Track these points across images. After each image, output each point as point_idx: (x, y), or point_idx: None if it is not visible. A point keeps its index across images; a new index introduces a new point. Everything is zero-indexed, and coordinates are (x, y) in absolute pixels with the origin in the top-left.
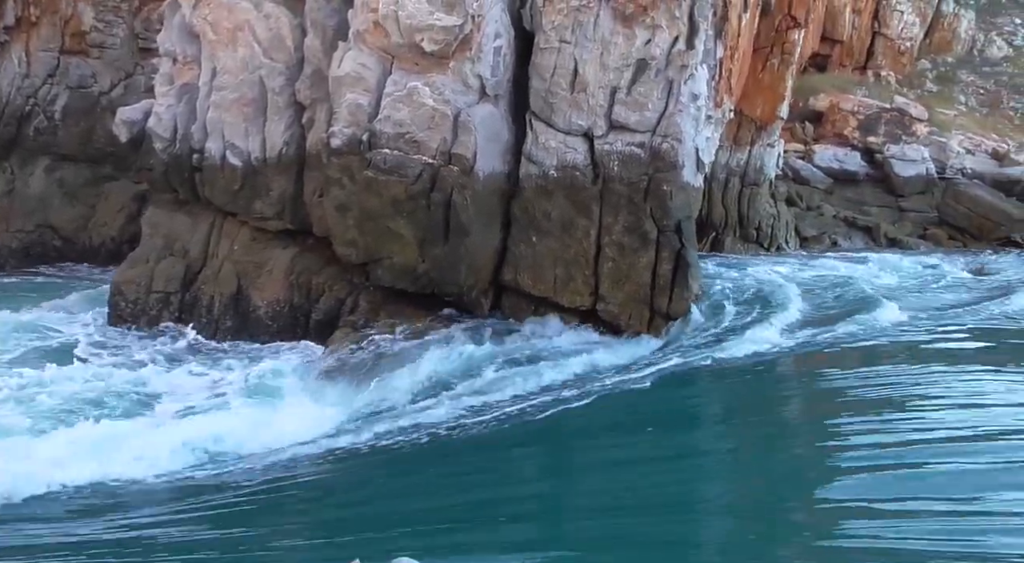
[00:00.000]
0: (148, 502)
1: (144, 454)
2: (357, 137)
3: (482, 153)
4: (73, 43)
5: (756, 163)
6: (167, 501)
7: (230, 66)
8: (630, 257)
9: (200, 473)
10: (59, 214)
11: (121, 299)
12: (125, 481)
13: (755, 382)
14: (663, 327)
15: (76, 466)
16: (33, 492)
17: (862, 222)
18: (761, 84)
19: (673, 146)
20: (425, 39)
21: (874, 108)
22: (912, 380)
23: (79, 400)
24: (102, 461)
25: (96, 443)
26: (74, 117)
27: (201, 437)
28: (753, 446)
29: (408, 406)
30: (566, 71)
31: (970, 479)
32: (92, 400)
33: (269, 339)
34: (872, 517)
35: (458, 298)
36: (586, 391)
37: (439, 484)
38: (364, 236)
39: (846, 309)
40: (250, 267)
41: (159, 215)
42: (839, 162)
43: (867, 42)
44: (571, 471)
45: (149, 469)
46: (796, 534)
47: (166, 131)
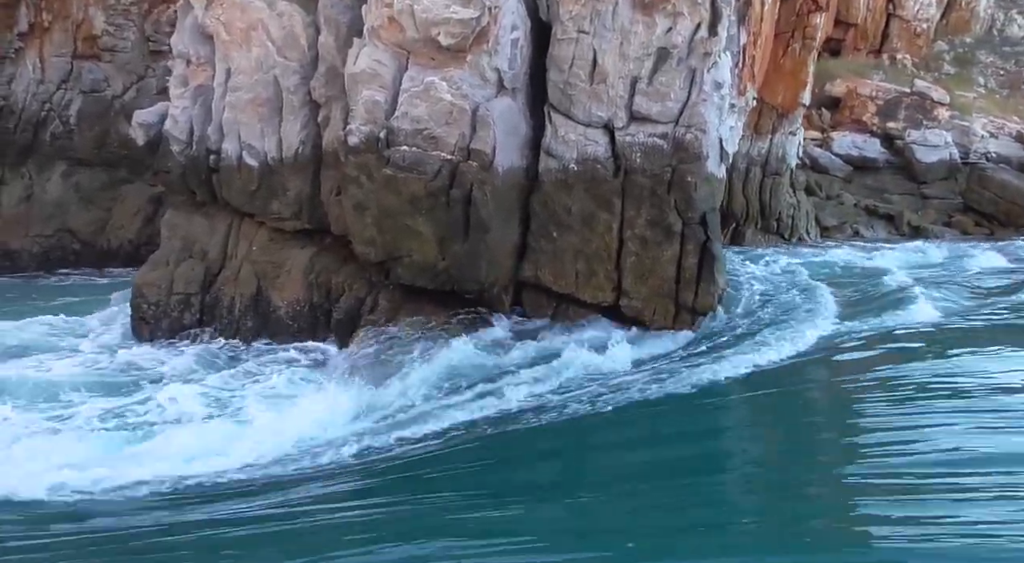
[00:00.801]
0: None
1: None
2: (374, 135)
3: (501, 148)
4: (85, 47)
5: (778, 152)
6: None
7: (244, 66)
8: (654, 251)
9: (207, 479)
10: (77, 218)
11: (143, 301)
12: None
13: (789, 382)
14: (689, 322)
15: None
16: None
17: (884, 210)
18: (782, 70)
19: (697, 137)
20: (441, 33)
21: (893, 93)
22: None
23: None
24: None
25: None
26: (88, 121)
27: (211, 441)
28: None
29: (430, 406)
30: (585, 62)
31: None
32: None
33: (290, 339)
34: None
35: (478, 295)
36: (610, 390)
37: (459, 492)
38: (383, 234)
39: (879, 303)
40: (269, 268)
41: (177, 217)
42: (858, 149)
43: (882, 24)
44: (598, 473)
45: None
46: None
47: (182, 133)
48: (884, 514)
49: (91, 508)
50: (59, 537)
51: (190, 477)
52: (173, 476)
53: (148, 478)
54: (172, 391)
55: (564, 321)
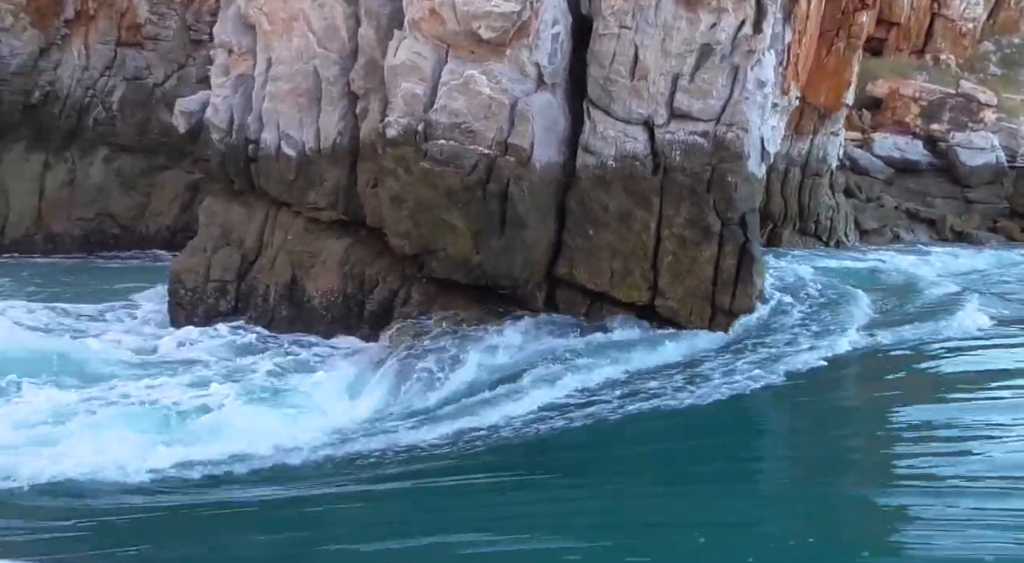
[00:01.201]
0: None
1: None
2: (412, 127)
3: (539, 143)
4: (129, 36)
5: (819, 152)
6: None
7: (285, 56)
8: (691, 251)
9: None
10: (117, 203)
11: (180, 287)
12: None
13: (825, 387)
14: (725, 324)
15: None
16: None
17: (925, 214)
18: (825, 69)
19: (738, 135)
20: (482, 26)
21: (937, 93)
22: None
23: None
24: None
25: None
26: (130, 108)
27: (239, 435)
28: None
29: (464, 402)
30: (626, 58)
31: None
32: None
33: (323, 329)
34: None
35: (512, 291)
36: (642, 393)
37: (493, 492)
38: (418, 227)
39: (923, 309)
40: (304, 257)
41: (216, 205)
42: (900, 151)
43: (925, 24)
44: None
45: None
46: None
47: (223, 122)
48: (925, 517)
49: (151, 486)
50: (123, 515)
51: (227, 461)
52: (220, 458)
53: (202, 459)
54: (218, 377)
55: (597, 320)
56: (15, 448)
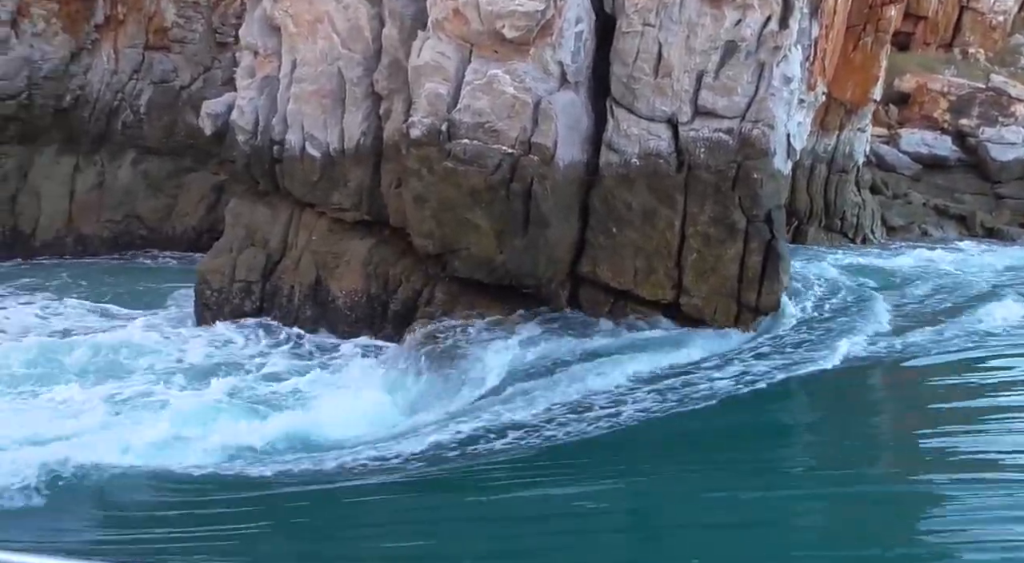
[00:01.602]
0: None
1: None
2: (436, 127)
3: (562, 142)
4: (156, 39)
5: (845, 149)
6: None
7: (309, 58)
8: (716, 248)
9: (255, 470)
10: (144, 205)
11: (206, 287)
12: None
13: (856, 388)
14: (751, 322)
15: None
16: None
17: (954, 210)
18: (852, 64)
19: (764, 132)
20: (506, 25)
21: (967, 88)
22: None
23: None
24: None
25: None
26: (157, 111)
27: (272, 434)
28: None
29: (488, 402)
30: (650, 55)
31: None
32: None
33: (348, 329)
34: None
35: (536, 290)
36: (669, 393)
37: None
38: (441, 227)
39: (955, 307)
40: (328, 258)
41: (241, 206)
42: (928, 147)
43: (954, 17)
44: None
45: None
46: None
47: (248, 123)
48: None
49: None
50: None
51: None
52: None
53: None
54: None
55: (621, 318)
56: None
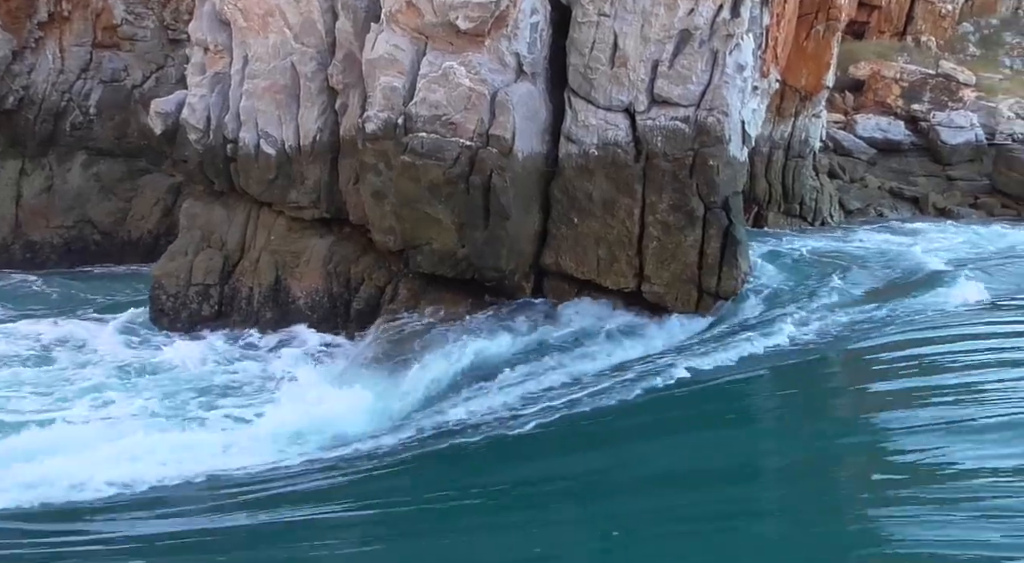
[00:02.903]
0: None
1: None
2: (392, 121)
3: (521, 133)
4: (105, 37)
5: (801, 135)
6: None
7: (261, 53)
8: (676, 236)
9: (225, 473)
10: (97, 209)
11: (161, 292)
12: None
13: (810, 370)
14: (711, 307)
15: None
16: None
17: (909, 193)
18: (805, 52)
19: (719, 120)
20: (460, 17)
21: (918, 74)
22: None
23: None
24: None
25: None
26: (108, 111)
27: (229, 436)
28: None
29: (451, 398)
30: (605, 45)
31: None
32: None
33: (309, 329)
34: None
35: (499, 283)
36: (629, 382)
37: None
38: (402, 222)
39: (915, 286)
40: (288, 257)
41: (196, 207)
42: (882, 132)
43: (906, 7)
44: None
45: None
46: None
47: (200, 122)
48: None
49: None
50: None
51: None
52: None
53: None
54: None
55: (585, 308)
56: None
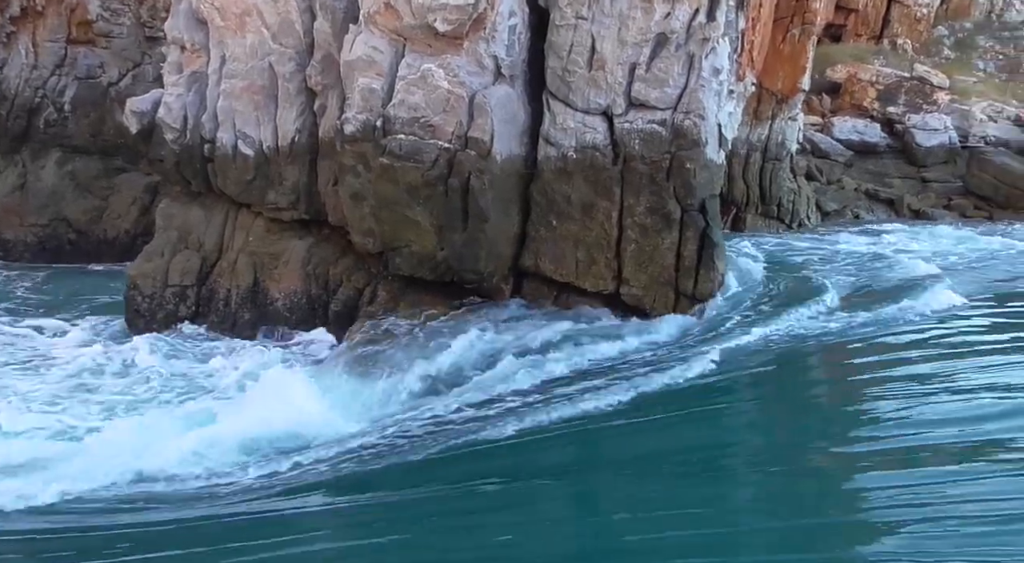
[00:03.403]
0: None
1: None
2: (371, 123)
3: (499, 136)
4: (80, 33)
5: (778, 137)
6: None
7: (239, 53)
8: (653, 238)
9: (192, 479)
10: (72, 207)
11: (137, 293)
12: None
13: (790, 376)
14: (689, 309)
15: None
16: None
17: (884, 194)
18: (781, 56)
19: (695, 123)
20: (438, 19)
21: (893, 77)
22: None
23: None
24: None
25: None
26: (83, 109)
27: (197, 439)
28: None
29: (427, 400)
30: (583, 48)
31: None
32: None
33: (287, 331)
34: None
35: (478, 285)
36: (609, 384)
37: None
38: (381, 225)
39: (892, 290)
40: (266, 259)
41: (173, 207)
42: (859, 134)
43: (883, 10)
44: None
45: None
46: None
47: (176, 121)
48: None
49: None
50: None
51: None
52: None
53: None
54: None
55: (564, 310)
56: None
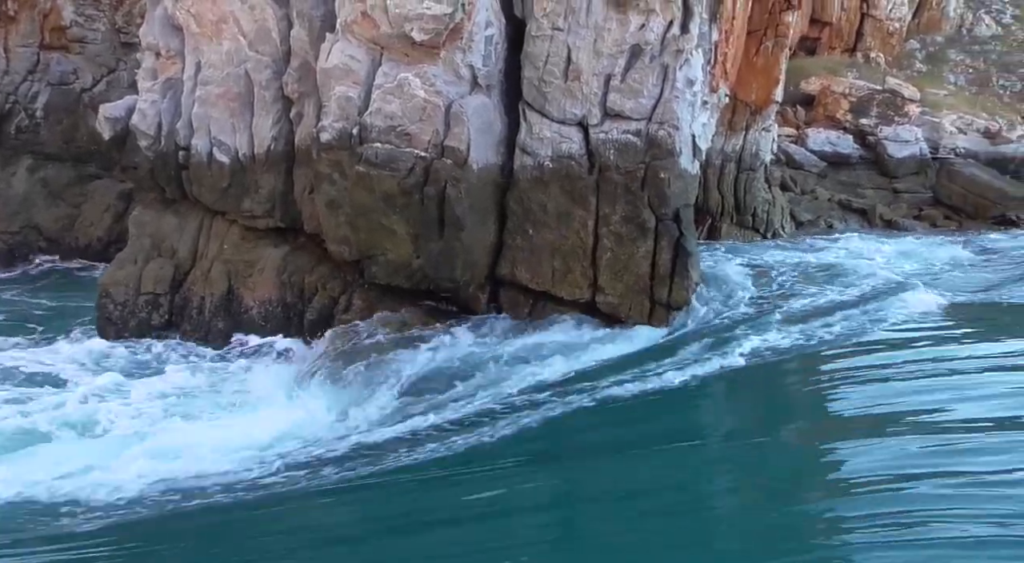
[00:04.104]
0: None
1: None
2: (347, 131)
3: (475, 145)
4: (53, 38)
5: (752, 148)
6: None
7: (215, 60)
8: (628, 247)
9: (166, 488)
10: (44, 214)
11: (109, 301)
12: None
13: (767, 383)
14: (664, 318)
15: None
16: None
17: (857, 205)
18: (755, 68)
19: (670, 133)
20: (415, 28)
21: (865, 90)
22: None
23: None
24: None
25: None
26: (56, 115)
27: (168, 449)
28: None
29: (400, 410)
30: (559, 59)
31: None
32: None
33: (262, 339)
34: None
35: (454, 294)
36: (583, 393)
37: (421, 517)
38: (356, 233)
39: (867, 296)
40: (241, 266)
41: (146, 214)
42: (832, 145)
43: (856, 24)
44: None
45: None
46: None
47: (150, 128)
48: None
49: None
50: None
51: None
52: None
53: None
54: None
55: (540, 319)
56: None
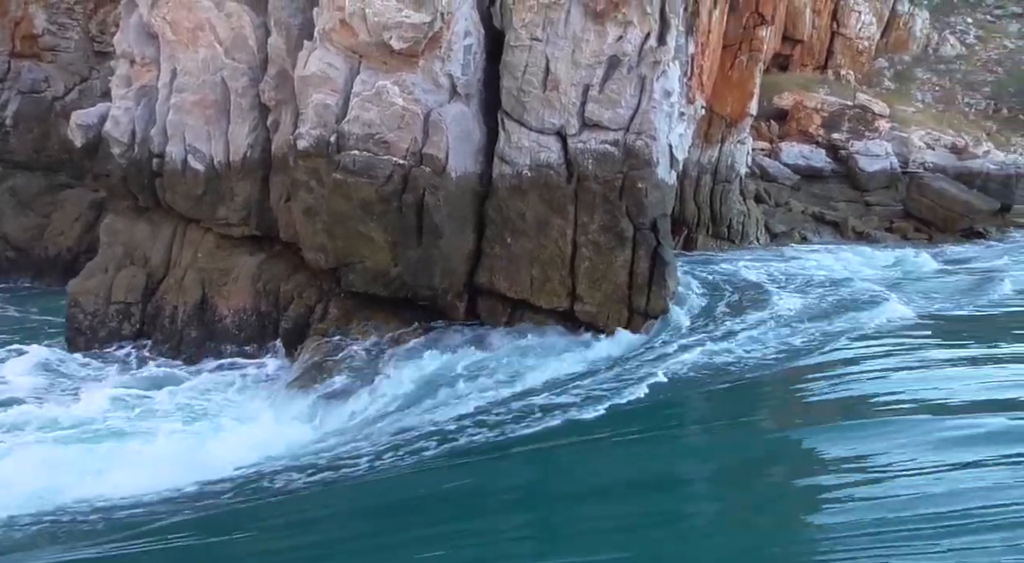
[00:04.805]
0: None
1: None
2: (325, 138)
3: (454, 153)
4: (24, 46)
5: (727, 160)
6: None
7: (190, 67)
8: (607, 256)
9: (140, 503)
10: (13, 224)
11: (78, 311)
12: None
13: (745, 392)
14: (642, 326)
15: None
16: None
17: (830, 217)
18: (730, 81)
19: (647, 143)
20: (393, 37)
21: (837, 105)
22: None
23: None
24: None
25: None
26: (27, 123)
27: (144, 461)
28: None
29: (380, 420)
30: (538, 69)
31: None
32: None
33: (236, 348)
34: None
35: (432, 302)
36: (561, 401)
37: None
38: (334, 240)
39: (843, 306)
40: (215, 275)
41: (118, 223)
42: (805, 159)
43: (827, 42)
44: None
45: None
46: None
47: (124, 135)
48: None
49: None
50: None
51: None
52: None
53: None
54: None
55: (518, 327)
56: None
